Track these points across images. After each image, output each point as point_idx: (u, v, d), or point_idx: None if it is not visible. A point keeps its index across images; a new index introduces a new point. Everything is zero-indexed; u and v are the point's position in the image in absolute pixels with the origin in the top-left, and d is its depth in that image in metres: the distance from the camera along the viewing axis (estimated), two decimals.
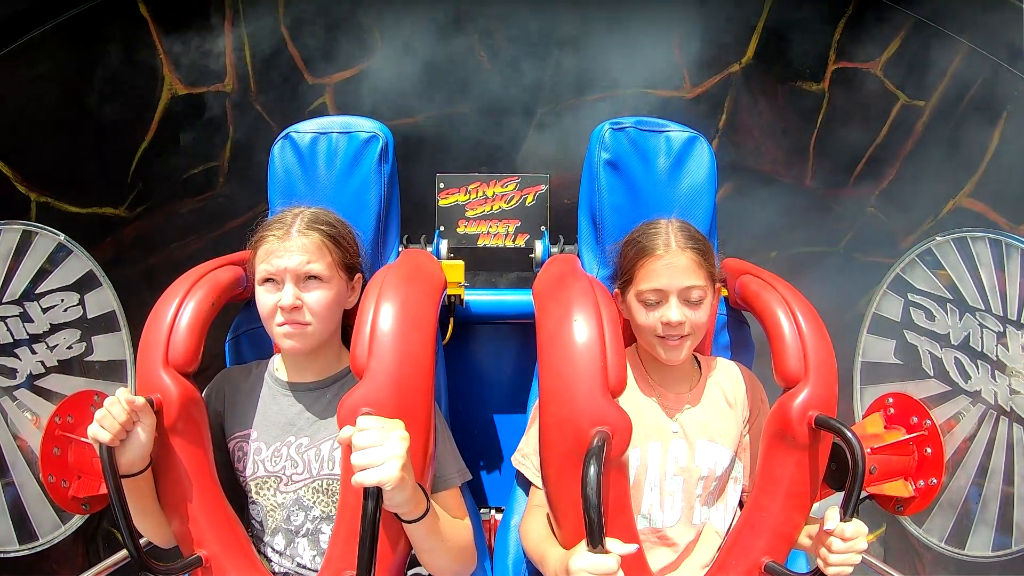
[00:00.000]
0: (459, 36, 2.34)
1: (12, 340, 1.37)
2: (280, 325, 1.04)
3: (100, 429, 0.91)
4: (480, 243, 1.58)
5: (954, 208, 1.98)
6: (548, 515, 1.04)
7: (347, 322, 1.12)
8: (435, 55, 2.32)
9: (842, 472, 1.06)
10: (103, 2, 1.85)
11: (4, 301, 1.36)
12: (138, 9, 1.99)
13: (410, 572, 1.12)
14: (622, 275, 1.12)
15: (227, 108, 2.27)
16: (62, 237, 1.43)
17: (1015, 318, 1.29)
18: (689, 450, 1.11)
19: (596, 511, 0.81)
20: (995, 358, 1.31)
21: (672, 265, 1.04)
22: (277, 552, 1.09)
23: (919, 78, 2.04)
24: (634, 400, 1.11)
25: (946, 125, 2.01)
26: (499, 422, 1.63)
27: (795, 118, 2.29)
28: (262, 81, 2.29)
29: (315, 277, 1.04)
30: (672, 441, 1.11)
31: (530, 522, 1.09)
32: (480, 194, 1.56)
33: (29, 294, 1.39)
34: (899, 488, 1.19)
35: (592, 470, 0.83)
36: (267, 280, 1.04)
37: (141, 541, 0.99)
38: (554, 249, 1.53)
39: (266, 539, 1.10)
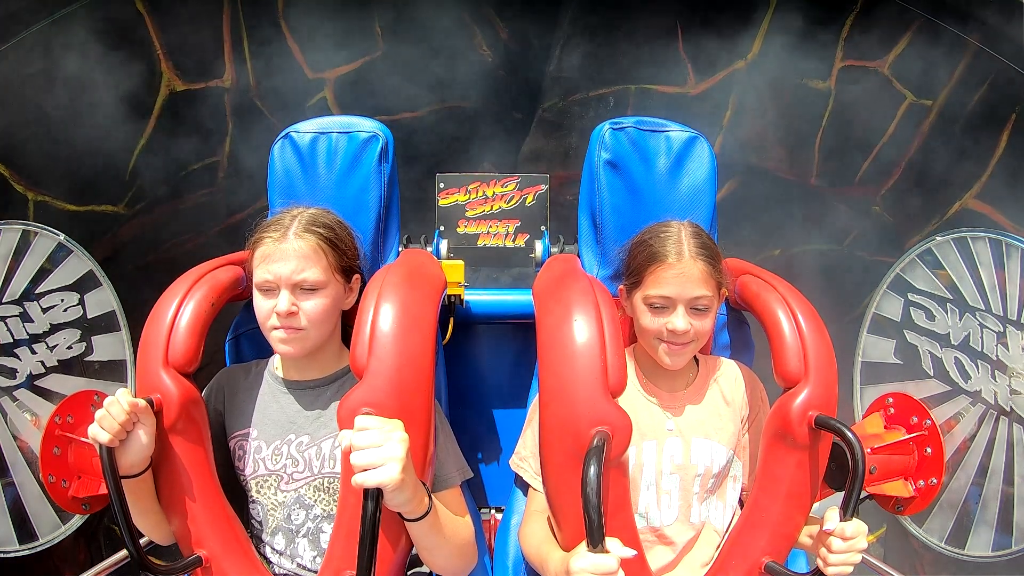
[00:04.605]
0: (461, 30, 2.33)
1: (12, 340, 1.37)
2: (276, 330, 1.04)
3: (100, 430, 0.92)
4: (480, 243, 1.57)
5: (960, 209, 1.97)
6: (548, 519, 1.04)
7: (347, 321, 1.12)
8: (436, 49, 2.31)
9: (842, 472, 1.06)
10: None
11: (4, 301, 1.36)
12: (135, 5, 1.97)
13: (410, 572, 1.12)
14: (630, 276, 1.12)
15: (226, 103, 2.26)
16: (62, 237, 1.43)
17: (1015, 318, 1.29)
18: (685, 447, 1.11)
19: (596, 511, 0.81)
20: (995, 358, 1.31)
21: (683, 275, 1.04)
22: (277, 552, 1.09)
23: (926, 77, 2.02)
24: (631, 399, 1.11)
25: (953, 125, 1.99)
26: (499, 422, 1.63)
27: (800, 116, 2.28)
28: (261, 76, 2.28)
29: (310, 284, 1.04)
30: (668, 439, 1.11)
31: (529, 527, 1.09)
32: (480, 194, 1.55)
33: (29, 294, 1.39)
34: (899, 488, 1.19)
35: (592, 470, 0.83)
36: (263, 285, 1.04)
37: (141, 540, 1.00)
38: (554, 249, 1.53)
39: (266, 539, 1.10)
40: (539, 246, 1.53)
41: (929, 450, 1.19)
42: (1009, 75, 1.77)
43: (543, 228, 1.56)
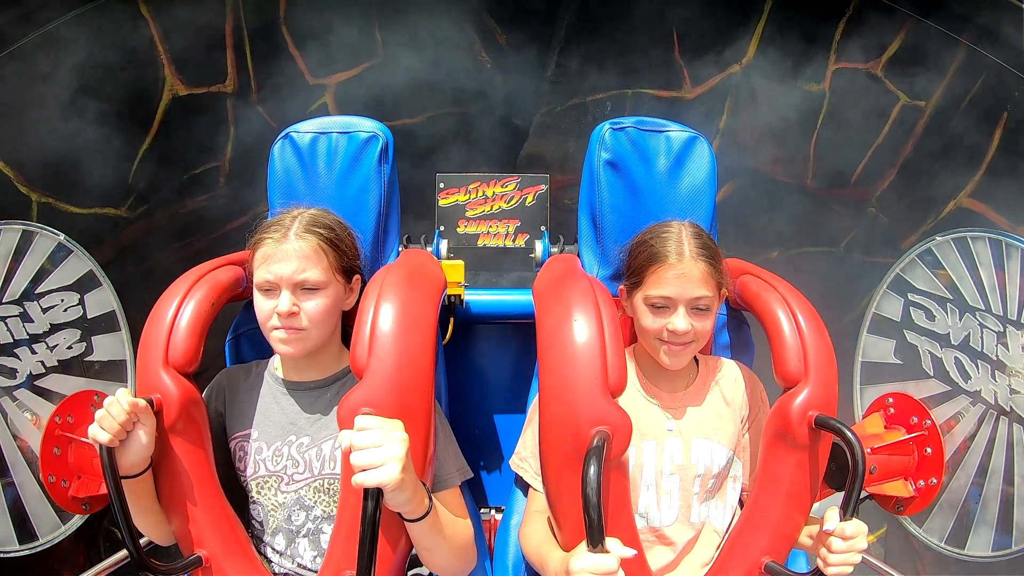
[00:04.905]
0: (460, 37, 2.35)
1: (12, 340, 1.37)
2: (276, 330, 1.04)
3: (99, 430, 0.92)
4: (480, 243, 1.58)
5: (955, 208, 1.99)
6: (548, 519, 1.04)
7: (347, 322, 1.12)
8: (436, 56, 2.33)
9: (842, 472, 1.06)
10: (105, 2, 1.85)
11: (4, 301, 1.36)
12: (139, 9, 1.99)
13: (410, 572, 1.12)
14: (630, 276, 1.12)
15: (228, 109, 2.27)
16: (62, 237, 1.43)
17: (1015, 318, 1.29)
18: (685, 448, 1.11)
19: (596, 511, 0.81)
20: (995, 358, 1.31)
21: (684, 275, 1.04)
22: (277, 552, 1.09)
23: (919, 78, 2.04)
24: (631, 399, 1.11)
25: (946, 125, 2.01)
26: (499, 422, 1.62)
27: (795, 118, 2.29)
28: (263, 81, 2.29)
29: (312, 284, 1.04)
30: (668, 440, 1.11)
31: (529, 527, 1.09)
32: (480, 194, 1.56)
33: (29, 294, 1.40)
34: (899, 488, 1.19)
35: (592, 470, 0.83)
36: (264, 285, 1.04)
37: (141, 541, 0.99)
38: (554, 249, 1.53)
39: (266, 539, 1.10)
40: (539, 246, 1.53)
41: (929, 450, 1.18)
42: (1000, 74, 1.78)
43: (543, 228, 1.56)
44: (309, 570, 1.08)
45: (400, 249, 1.35)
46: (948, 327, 1.39)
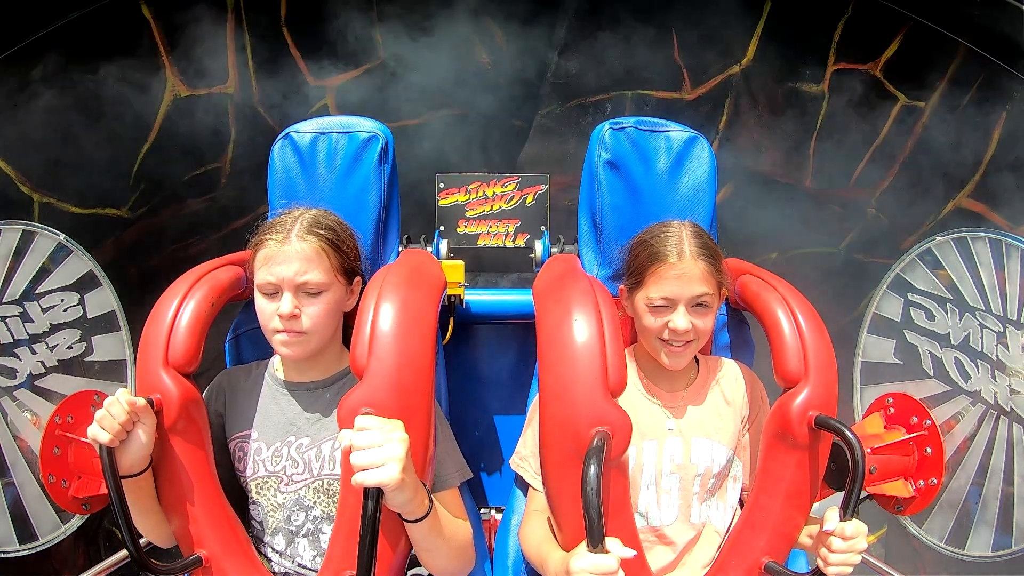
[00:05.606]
0: (461, 39, 2.35)
1: (12, 340, 1.36)
2: (278, 332, 1.04)
3: (100, 430, 0.92)
4: (480, 243, 1.58)
5: (954, 209, 1.99)
6: (548, 519, 1.04)
7: (347, 322, 1.12)
8: (436, 58, 2.33)
9: (842, 472, 1.06)
10: (106, 4, 1.86)
11: (4, 301, 1.36)
12: (141, 11, 2.00)
13: (410, 572, 1.12)
14: (631, 276, 1.12)
15: (229, 110, 2.28)
16: (62, 237, 1.43)
17: (1015, 318, 1.29)
18: (685, 447, 1.11)
19: (596, 511, 0.81)
20: (995, 358, 1.30)
21: (684, 274, 1.05)
22: (277, 552, 1.09)
23: (918, 79, 2.05)
24: (632, 399, 1.11)
25: (945, 126, 2.02)
26: (499, 422, 1.62)
27: (795, 119, 2.30)
28: (264, 83, 2.29)
29: (313, 286, 1.04)
30: (668, 439, 1.12)
31: (529, 527, 1.09)
32: (480, 194, 1.56)
33: (29, 294, 1.39)
34: (899, 488, 1.19)
35: (592, 470, 0.83)
36: (266, 287, 1.05)
37: (141, 541, 0.99)
38: (554, 249, 1.53)
39: (266, 539, 1.10)
40: (539, 246, 1.53)
41: (929, 450, 1.19)
42: (999, 74, 1.79)
43: (543, 228, 1.57)
44: (309, 570, 1.08)
45: (400, 249, 1.35)
46: (948, 327, 1.39)
